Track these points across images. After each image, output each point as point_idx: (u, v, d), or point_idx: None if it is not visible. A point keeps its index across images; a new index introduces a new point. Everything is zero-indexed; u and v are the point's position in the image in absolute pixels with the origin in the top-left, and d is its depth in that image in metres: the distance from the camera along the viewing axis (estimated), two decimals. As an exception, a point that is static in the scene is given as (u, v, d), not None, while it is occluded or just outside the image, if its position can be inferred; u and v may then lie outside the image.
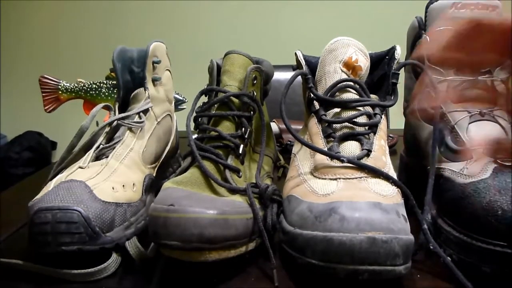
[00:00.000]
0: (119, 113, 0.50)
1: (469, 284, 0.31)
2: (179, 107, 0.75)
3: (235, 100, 0.46)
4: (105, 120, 0.50)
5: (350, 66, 0.44)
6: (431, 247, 0.34)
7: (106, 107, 0.51)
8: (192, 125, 0.46)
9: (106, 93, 0.70)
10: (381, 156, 0.40)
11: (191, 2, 1.98)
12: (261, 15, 1.98)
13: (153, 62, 0.52)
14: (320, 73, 0.46)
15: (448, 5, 0.44)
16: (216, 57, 0.51)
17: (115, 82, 0.54)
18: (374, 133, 0.41)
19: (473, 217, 0.35)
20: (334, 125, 0.42)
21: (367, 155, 0.39)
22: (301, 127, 0.54)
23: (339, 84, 0.43)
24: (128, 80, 0.54)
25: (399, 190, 0.37)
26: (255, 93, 0.48)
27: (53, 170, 0.45)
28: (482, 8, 0.44)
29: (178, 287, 0.35)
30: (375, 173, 0.37)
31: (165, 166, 0.58)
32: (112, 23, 2.04)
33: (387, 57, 0.48)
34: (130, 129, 0.48)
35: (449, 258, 0.34)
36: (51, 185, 0.39)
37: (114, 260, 0.37)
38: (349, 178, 0.37)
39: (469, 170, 0.38)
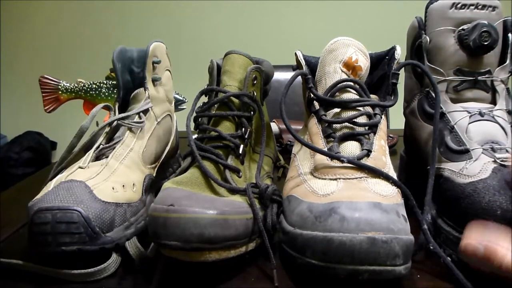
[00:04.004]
0: (119, 113, 0.50)
1: (469, 284, 0.31)
2: (179, 107, 0.75)
3: (235, 100, 0.46)
4: (105, 120, 0.50)
5: (350, 66, 0.44)
6: (431, 247, 0.34)
7: (106, 107, 0.51)
8: (192, 125, 0.46)
9: (106, 93, 0.70)
10: (381, 156, 0.40)
11: (191, 2, 1.98)
12: (261, 15, 1.98)
13: (153, 62, 0.52)
14: (320, 73, 0.46)
15: (448, 5, 0.44)
16: (216, 57, 0.51)
17: (115, 82, 0.54)
18: (374, 133, 0.41)
19: (473, 217, 0.35)
20: (334, 125, 0.42)
21: (367, 155, 0.39)
22: (301, 127, 0.54)
23: (339, 84, 0.43)
24: (128, 80, 0.54)
25: (399, 190, 0.37)
26: (255, 93, 0.48)
27: (53, 170, 0.45)
28: (482, 8, 0.44)
29: (178, 287, 0.35)
30: (375, 173, 0.37)
31: (165, 166, 0.58)
32: (112, 23, 2.04)
33: (387, 57, 0.48)
34: (130, 129, 0.48)
35: (449, 258, 0.34)
36: (51, 185, 0.39)
37: (114, 260, 0.37)
38: (349, 178, 0.37)
39: (469, 170, 0.38)
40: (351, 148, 0.40)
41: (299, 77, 0.46)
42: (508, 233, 0.31)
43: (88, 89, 0.70)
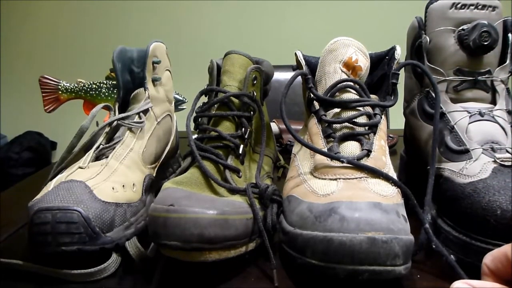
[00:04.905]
0: (119, 113, 0.50)
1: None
2: (179, 107, 0.75)
3: (235, 100, 0.46)
4: (105, 120, 0.50)
5: (350, 66, 0.44)
6: (433, 246, 0.34)
7: (106, 107, 0.51)
8: (192, 125, 0.46)
9: (106, 93, 0.70)
10: (381, 156, 0.40)
11: (191, 2, 1.98)
12: (261, 15, 1.98)
13: (153, 62, 0.52)
14: (320, 73, 0.46)
15: (448, 5, 0.44)
16: (216, 57, 0.51)
17: (115, 82, 0.54)
18: (374, 133, 0.41)
19: (472, 217, 0.35)
20: (334, 125, 0.42)
21: (367, 155, 0.39)
22: (301, 127, 0.54)
23: (339, 84, 0.43)
24: (128, 80, 0.54)
25: (399, 190, 0.37)
26: (255, 93, 0.48)
27: (53, 170, 0.45)
28: (482, 8, 0.44)
29: (178, 287, 0.35)
30: (375, 173, 0.37)
31: (165, 166, 0.58)
32: (112, 23, 2.03)
33: (387, 57, 0.48)
34: (130, 129, 0.48)
35: (452, 256, 0.34)
36: (51, 185, 0.39)
37: (114, 260, 0.37)
38: (349, 178, 0.37)
39: (469, 170, 0.38)
40: (351, 148, 0.40)
41: (299, 77, 0.46)
42: None
43: (88, 89, 0.70)
